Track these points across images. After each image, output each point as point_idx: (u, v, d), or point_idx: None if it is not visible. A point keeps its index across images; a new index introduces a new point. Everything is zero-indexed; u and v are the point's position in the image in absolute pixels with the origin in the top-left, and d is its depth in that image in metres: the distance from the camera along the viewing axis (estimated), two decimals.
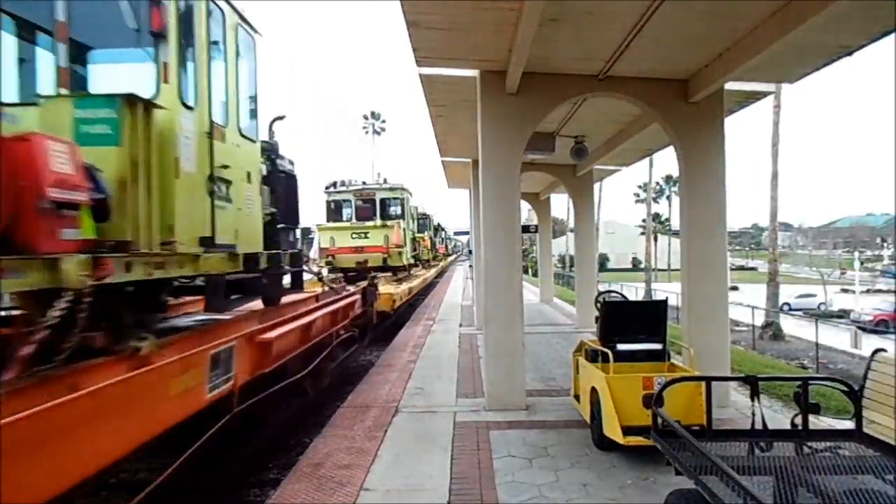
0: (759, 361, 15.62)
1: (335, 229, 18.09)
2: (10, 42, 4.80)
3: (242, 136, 5.78)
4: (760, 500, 2.30)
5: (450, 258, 56.25)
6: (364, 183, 20.82)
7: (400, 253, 17.97)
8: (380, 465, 5.37)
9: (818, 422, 5.83)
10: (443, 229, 49.38)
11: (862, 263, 61.02)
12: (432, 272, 29.90)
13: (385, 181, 20.96)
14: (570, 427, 6.36)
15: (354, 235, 17.86)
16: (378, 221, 18.68)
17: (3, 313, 3.94)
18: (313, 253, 19.23)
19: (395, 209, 20.29)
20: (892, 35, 5.71)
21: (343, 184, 20.32)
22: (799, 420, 3.73)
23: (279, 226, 7.28)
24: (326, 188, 20.05)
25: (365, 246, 17.63)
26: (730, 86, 7.19)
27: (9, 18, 4.71)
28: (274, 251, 6.83)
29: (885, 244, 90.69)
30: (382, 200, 20.07)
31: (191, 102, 4.67)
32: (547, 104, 7.34)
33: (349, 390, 8.51)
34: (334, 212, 19.96)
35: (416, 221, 29.37)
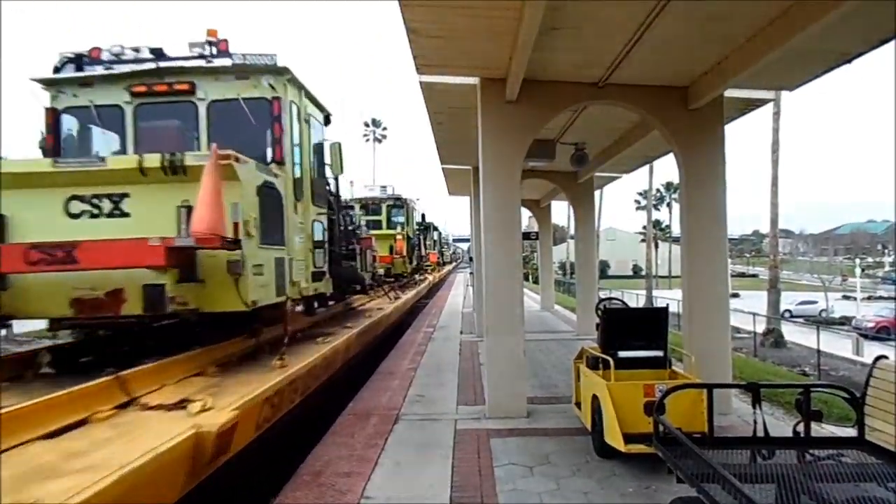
0: (760, 368, 15.58)
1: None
2: None
3: None
4: None
5: (447, 267, 51.69)
6: (158, 54, 7.31)
7: (237, 271, 5.47)
8: (380, 473, 5.35)
9: (820, 429, 5.82)
10: (435, 229, 40.68)
11: (863, 270, 61.03)
12: (410, 296, 18.96)
13: (222, 49, 7.28)
14: (571, 435, 6.34)
15: (74, 209, 5.65)
16: (156, 157, 5.49)
17: None
18: None
19: (258, 129, 7.16)
20: (892, 42, 5.73)
21: (99, 62, 7.25)
22: (801, 427, 3.72)
23: None
24: (55, 71, 7.18)
25: (91, 249, 4.98)
26: (729, 93, 7.21)
27: None
28: None
29: (886, 251, 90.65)
30: (214, 106, 7.15)
31: None
32: (547, 112, 7.36)
33: (350, 398, 8.48)
34: (78, 142, 7.36)
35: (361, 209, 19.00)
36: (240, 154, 5.74)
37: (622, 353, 5.98)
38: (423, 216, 28.83)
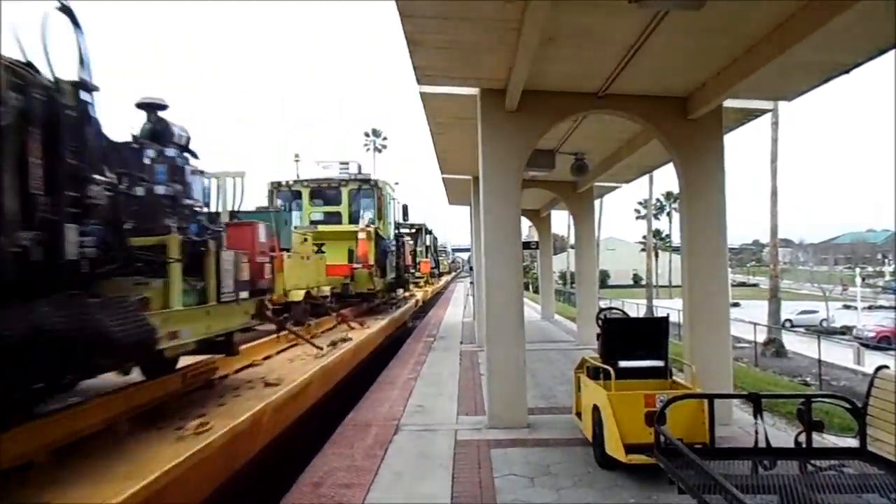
0: (761, 378, 15.56)
1: None
2: None
3: None
4: None
5: (444, 279, 48.01)
6: None
7: None
8: (380, 484, 5.32)
9: (822, 440, 5.80)
10: (428, 232, 35.96)
11: (863, 279, 60.99)
12: (376, 330, 12.58)
13: None
14: (571, 445, 6.31)
15: None
16: None
17: None
18: None
19: None
20: (889, 52, 5.76)
21: None
22: (802, 438, 3.71)
23: None
24: None
25: None
26: (728, 103, 7.24)
27: None
28: None
29: (886, 260, 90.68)
30: None
31: None
32: (547, 121, 7.39)
33: (350, 408, 8.46)
34: None
35: None
36: None
37: (623, 363, 5.97)
38: (405, 209, 19.57)
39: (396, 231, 19.37)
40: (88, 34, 4.35)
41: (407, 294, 21.13)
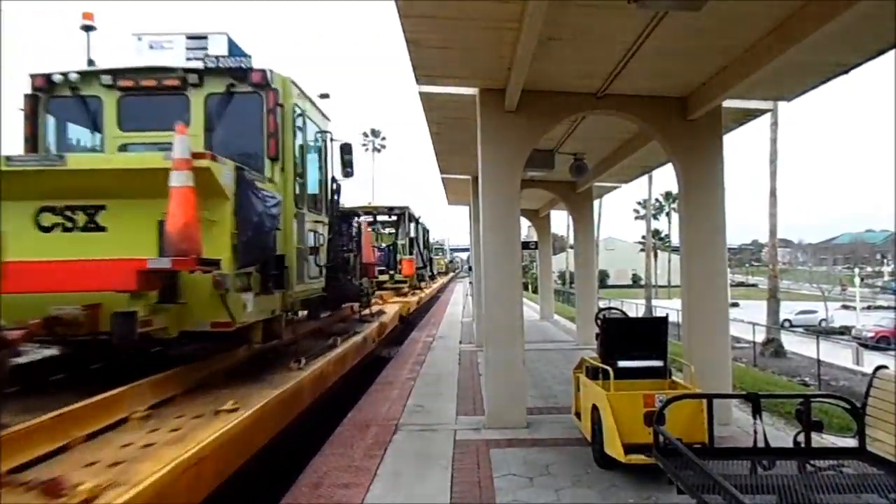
0: (760, 378, 15.57)
1: None
2: None
3: None
4: None
5: (439, 281, 42.66)
6: None
7: None
8: (380, 484, 5.31)
9: (821, 440, 5.80)
10: (413, 220, 24.39)
11: (862, 280, 61.08)
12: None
13: None
14: (570, 445, 6.31)
15: None
16: None
17: None
18: None
19: None
20: (889, 52, 5.76)
21: None
22: (801, 438, 3.71)
23: None
24: None
25: None
26: (728, 103, 7.24)
27: None
28: None
29: (885, 260, 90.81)
30: None
31: None
32: (546, 122, 7.39)
33: (349, 408, 8.46)
34: None
35: None
36: None
37: (622, 363, 5.97)
38: (346, 155, 9.08)
39: (365, 214, 11.95)
40: None
41: (369, 311, 12.65)
